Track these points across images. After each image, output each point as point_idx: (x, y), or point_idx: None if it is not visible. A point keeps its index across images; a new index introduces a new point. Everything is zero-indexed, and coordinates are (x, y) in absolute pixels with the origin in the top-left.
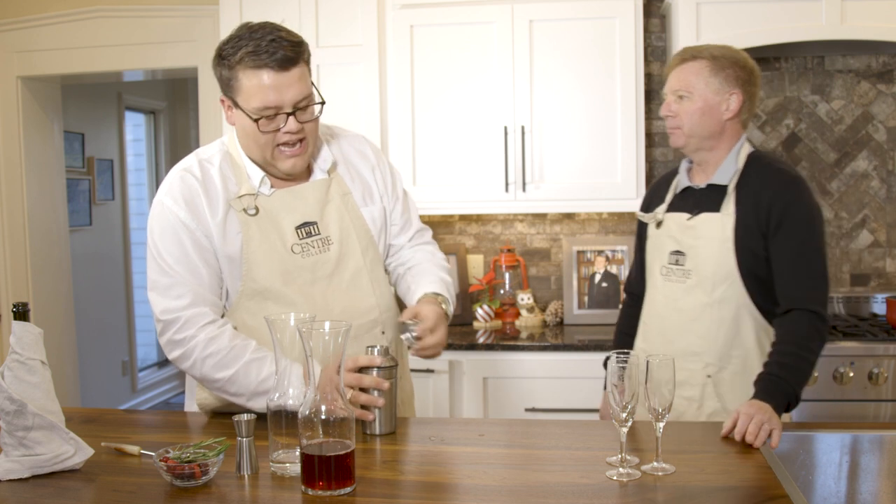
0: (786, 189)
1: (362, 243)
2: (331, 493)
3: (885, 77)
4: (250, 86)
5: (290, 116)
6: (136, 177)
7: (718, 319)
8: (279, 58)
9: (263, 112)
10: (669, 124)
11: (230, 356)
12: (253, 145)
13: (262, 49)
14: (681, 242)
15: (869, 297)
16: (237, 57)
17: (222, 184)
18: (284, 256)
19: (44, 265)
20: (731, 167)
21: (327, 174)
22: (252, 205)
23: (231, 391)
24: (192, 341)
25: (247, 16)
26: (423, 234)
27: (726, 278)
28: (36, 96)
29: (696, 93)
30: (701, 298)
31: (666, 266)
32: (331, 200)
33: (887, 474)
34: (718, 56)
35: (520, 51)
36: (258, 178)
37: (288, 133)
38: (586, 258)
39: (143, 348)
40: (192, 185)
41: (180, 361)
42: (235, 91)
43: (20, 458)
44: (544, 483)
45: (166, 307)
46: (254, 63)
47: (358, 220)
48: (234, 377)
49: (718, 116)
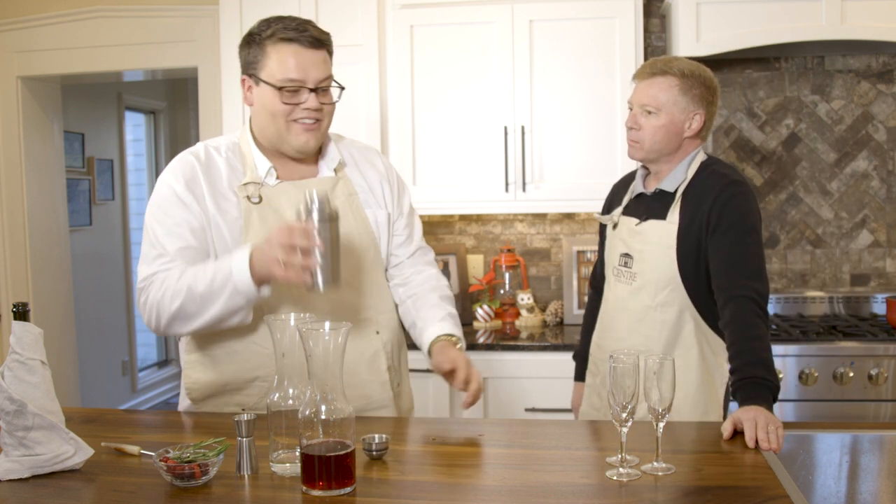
0: (724, 191)
1: (364, 243)
2: (331, 493)
3: (885, 77)
4: (278, 58)
5: (311, 93)
6: (136, 177)
7: (661, 321)
8: (308, 36)
9: (287, 83)
10: (630, 136)
11: (181, 281)
12: (269, 120)
13: (294, 27)
14: (629, 246)
15: (869, 297)
16: (268, 32)
17: (227, 169)
18: None
19: (44, 265)
20: (681, 175)
21: (334, 173)
22: (256, 193)
23: (192, 311)
24: (152, 293)
25: (247, 16)
26: (424, 254)
27: (668, 283)
28: (36, 96)
29: (663, 110)
30: (645, 301)
31: (616, 267)
32: (336, 198)
33: (887, 474)
34: (688, 74)
35: (520, 51)
36: (265, 168)
37: (307, 109)
38: (586, 258)
39: (143, 348)
40: (194, 166)
41: (150, 320)
42: (261, 66)
43: (20, 458)
44: (544, 483)
45: (144, 274)
46: (285, 36)
47: (361, 220)
48: (189, 294)
49: (680, 134)
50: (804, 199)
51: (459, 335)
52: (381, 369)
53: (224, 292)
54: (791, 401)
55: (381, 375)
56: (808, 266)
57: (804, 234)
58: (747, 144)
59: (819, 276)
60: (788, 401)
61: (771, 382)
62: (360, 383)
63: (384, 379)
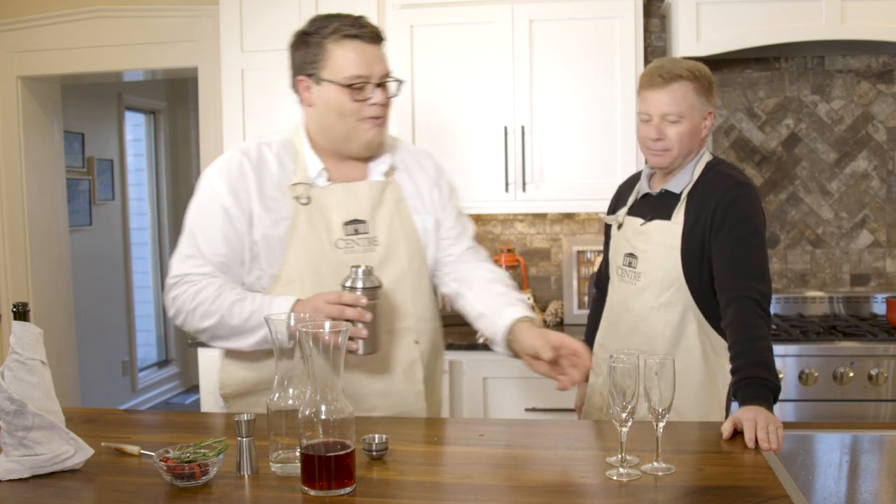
0: (729, 192)
1: (410, 250)
2: (331, 493)
3: (885, 77)
4: (342, 56)
5: (377, 88)
6: (136, 177)
7: (664, 322)
8: (369, 31)
9: (354, 81)
10: (656, 146)
11: (216, 304)
12: (336, 120)
13: (352, 23)
14: (634, 246)
15: (869, 297)
16: (327, 30)
17: (278, 168)
18: (327, 249)
19: (44, 265)
20: (687, 177)
21: (384, 176)
22: (305, 194)
23: (221, 335)
24: (182, 297)
25: (247, 16)
26: (477, 252)
27: (672, 283)
28: (36, 96)
29: (686, 116)
30: (649, 301)
31: (620, 267)
32: (384, 203)
33: (887, 474)
34: (699, 75)
35: (520, 51)
36: (316, 169)
37: (374, 105)
38: (586, 258)
39: (143, 348)
40: (242, 166)
41: (176, 319)
42: (322, 64)
43: (20, 458)
44: (544, 483)
45: (177, 272)
46: (347, 33)
47: (409, 226)
48: (221, 321)
49: (699, 135)
50: (804, 199)
51: (534, 316)
52: (416, 378)
53: (256, 334)
54: (791, 401)
55: (416, 385)
56: (808, 266)
57: (804, 234)
58: (747, 144)
59: (819, 276)
60: (788, 401)
61: (772, 383)
62: (395, 392)
63: (419, 389)
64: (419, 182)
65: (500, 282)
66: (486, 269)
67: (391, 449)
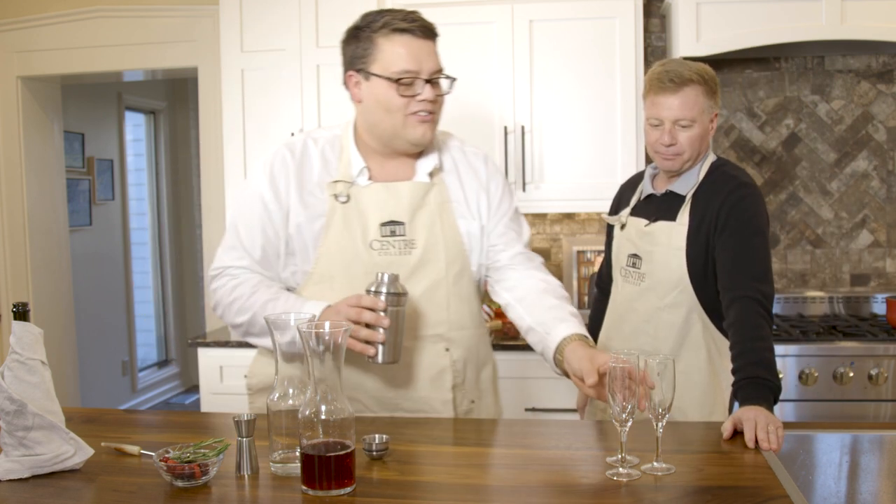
0: (733, 193)
1: (449, 255)
2: (331, 493)
3: (885, 77)
4: (391, 50)
5: (426, 84)
6: (136, 177)
7: (669, 323)
8: (420, 25)
9: (403, 75)
10: (668, 152)
11: (250, 300)
12: (384, 115)
13: (403, 17)
14: (638, 247)
15: (869, 297)
16: (378, 24)
17: (321, 164)
18: (360, 250)
19: (44, 265)
20: (693, 178)
21: (429, 178)
22: (344, 192)
23: (254, 332)
24: (221, 290)
25: (247, 16)
26: (529, 258)
27: (677, 284)
28: (36, 96)
29: (697, 121)
30: (654, 302)
31: (624, 268)
32: (426, 205)
33: (887, 474)
34: (706, 77)
35: (520, 51)
36: (358, 167)
37: (423, 101)
38: (586, 258)
39: (143, 348)
40: (286, 162)
41: (216, 311)
42: (371, 60)
43: (20, 458)
44: (544, 483)
45: (218, 263)
46: (397, 27)
47: (451, 230)
48: (254, 318)
49: (707, 137)
50: (804, 199)
51: (588, 335)
52: (444, 387)
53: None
54: (791, 401)
55: (444, 393)
56: (808, 266)
57: (804, 234)
58: (747, 144)
59: (819, 276)
60: (788, 401)
61: (772, 383)
62: (420, 398)
63: (447, 398)
64: (467, 185)
65: (552, 293)
66: (538, 279)
67: (391, 449)
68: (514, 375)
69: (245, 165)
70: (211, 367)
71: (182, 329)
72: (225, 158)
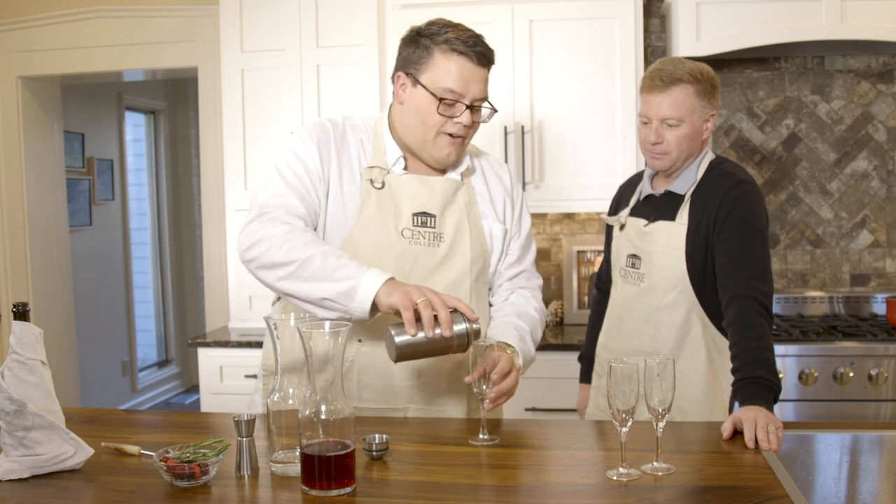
0: (732, 190)
1: (473, 252)
2: (331, 493)
3: (885, 77)
4: (445, 66)
5: (467, 109)
6: (136, 177)
7: (669, 323)
8: (479, 51)
9: (448, 95)
10: (655, 150)
11: (310, 245)
12: (419, 126)
13: (466, 39)
14: (637, 247)
15: (869, 297)
16: (441, 37)
17: (358, 148)
18: (392, 237)
19: (44, 265)
20: (691, 177)
21: (459, 177)
22: (380, 179)
23: (301, 275)
24: (272, 228)
25: (247, 16)
26: (528, 278)
27: (677, 284)
28: (36, 96)
29: (685, 120)
30: (653, 302)
31: (623, 268)
32: (455, 202)
33: (887, 474)
34: (700, 78)
35: (520, 51)
36: (395, 156)
37: (459, 124)
38: (586, 258)
39: (143, 348)
40: (328, 131)
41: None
42: (424, 68)
43: (20, 458)
44: (544, 483)
45: (273, 202)
46: (457, 47)
47: (476, 228)
48: (309, 260)
49: (699, 138)
50: (804, 199)
51: (516, 347)
52: (461, 381)
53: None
54: (791, 401)
55: (459, 388)
56: (808, 266)
57: (804, 234)
58: (747, 144)
59: (819, 276)
60: (788, 401)
61: (772, 383)
62: (437, 392)
63: (461, 393)
64: (494, 190)
65: (525, 316)
66: (525, 298)
67: (391, 449)
68: None
69: (245, 165)
70: (211, 367)
71: (182, 329)
72: (225, 158)
